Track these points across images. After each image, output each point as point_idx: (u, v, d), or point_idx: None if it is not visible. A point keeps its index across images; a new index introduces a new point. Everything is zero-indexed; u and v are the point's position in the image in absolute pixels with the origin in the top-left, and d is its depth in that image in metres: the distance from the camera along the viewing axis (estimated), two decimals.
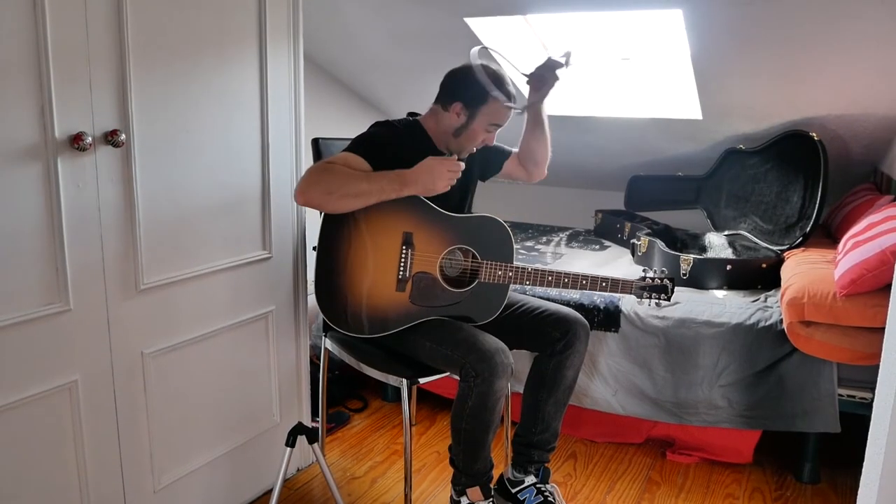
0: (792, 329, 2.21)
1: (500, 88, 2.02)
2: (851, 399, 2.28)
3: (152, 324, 1.79)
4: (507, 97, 2.05)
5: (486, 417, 1.91)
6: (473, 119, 2.05)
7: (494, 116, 2.06)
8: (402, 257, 2.00)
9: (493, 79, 2.02)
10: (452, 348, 1.93)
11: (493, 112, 2.05)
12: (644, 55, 3.13)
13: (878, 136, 2.90)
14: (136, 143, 1.67)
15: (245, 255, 2.06)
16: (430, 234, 2.02)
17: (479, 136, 2.08)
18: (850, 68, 2.49)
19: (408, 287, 2.01)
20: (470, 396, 1.89)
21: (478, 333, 1.95)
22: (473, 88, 2.02)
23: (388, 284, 2.01)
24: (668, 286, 2.12)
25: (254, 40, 1.99)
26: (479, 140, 2.10)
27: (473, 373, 1.86)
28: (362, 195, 1.90)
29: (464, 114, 2.05)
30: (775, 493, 2.34)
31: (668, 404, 2.47)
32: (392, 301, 2.01)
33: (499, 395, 1.90)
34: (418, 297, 2.02)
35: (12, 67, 1.41)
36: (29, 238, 1.48)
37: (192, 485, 1.99)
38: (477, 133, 2.08)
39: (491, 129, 2.09)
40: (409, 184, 1.93)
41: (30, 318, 1.50)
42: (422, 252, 2.02)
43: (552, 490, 2.16)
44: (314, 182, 1.90)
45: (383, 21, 2.96)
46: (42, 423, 1.57)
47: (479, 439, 1.96)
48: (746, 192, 3.21)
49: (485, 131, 2.08)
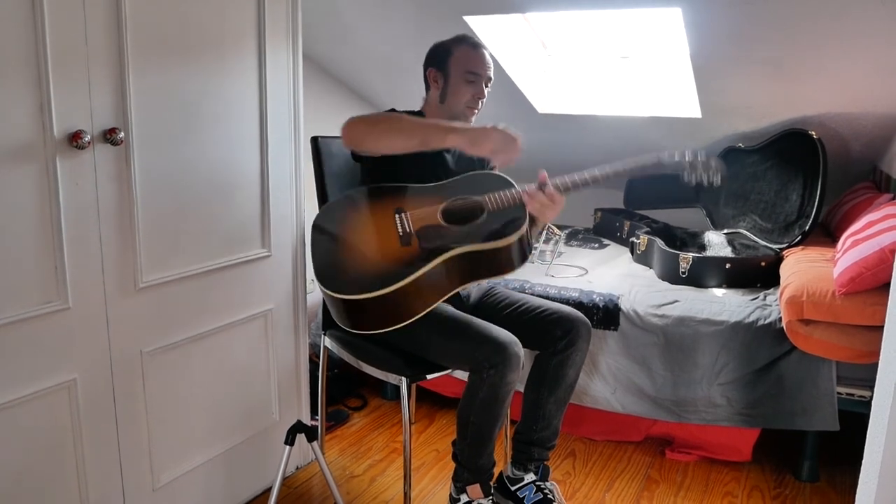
0: (791, 327, 2.21)
1: (462, 38, 2.11)
2: (850, 397, 2.28)
3: (151, 322, 1.79)
4: (475, 44, 2.10)
5: (495, 410, 1.91)
6: (449, 75, 2.10)
7: (466, 62, 2.08)
8: (399, 221, 1.96)
9: (456, 35, 2.11)
10: (463, 341, 1.91)
11: (462, 59, 2.09)
12: (643, 54, 3.13)
13: (877, 134, 2.90)
14: (134, 142, 1.67)
15: (244, 254, 2.06)
16: (422, 201, 2.01)
17: (463, 90, 2.09)
18: (850, 66, 2.49)
19: (413, 241, 1.92)
20: (481, 388, 1.88)
21: (489, 326, 1.94)
22: (437, 49, 2.13)
23: (392, 241, 1.92)
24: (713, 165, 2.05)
25: (253, 38, 1.99)
26: (466, 95, 2.10)
27: (487, 364, 1.85)
28: (406, 132, 1.89)
29: (440, 76, 2.11)
30: (774, 492, 2.34)
31: (668, 402, 2.47)
32: (401, 253, 1.90)
33: (510, 387, 1.89)
34: (427, 242, 1.92)
35: (11, 65, 1.41)
36: (27, 236, 1.48)
37: (191, 483, 1.99)
38: (458, 87, 2.09)
39: (471, 79, 2.09)
40: (458, 132, 1.86)
41: (28, 316, 1.50)
42: (417, 213, 1.98)
43: (552, 488, 2.16)
44: (359, 119, 1.93)
45: (382, 19, 2.96)
46: (41, 421, 1.57)
47: (486, 434, 1.95)
48: (745, 191, 3.21)
49: (466, 82, 2.09)
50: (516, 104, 3.34)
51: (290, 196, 2.20)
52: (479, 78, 2.11)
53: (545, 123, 3.49)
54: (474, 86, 2.11)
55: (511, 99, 3.30)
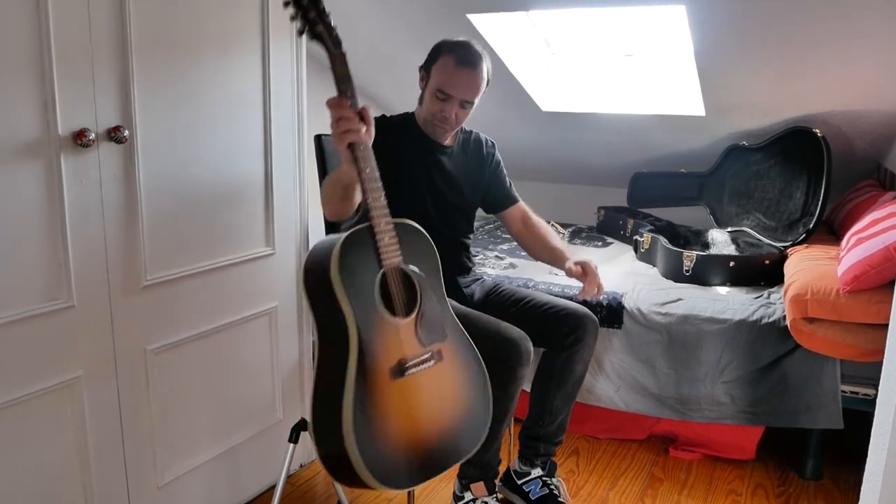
0: (795, 325, 2.21)
1: (456, 48, 1.95)
2: (854, 395, 2.28)
3: (155, 320, 1.79)
4: (462, 60, 1.92)
5: (504, 405, 1.91)
6: (428, 81, 2.00)
7: (442, 77, 1.95)
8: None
9: (456, 42, 1.97)
10: (473, 337, 1.90)
11: (441, 71, 1.95)
12: (647, 52, 3.13)
13: (881, 132, 2.90)
14: (139, 140, 1.67)
15: (248, 252, 2.06)
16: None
17: (431, 101, 1.98)
18: (854, 64, 2.48)
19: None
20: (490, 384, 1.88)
21: (498, 322, 1.94)
22: (433, 49, 2.00)
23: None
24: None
25: (256, 36, 1.99)
26: (433, 107, 1.98)
27: (497, 359, 1.85)
28: (338, 188, 1.67)
29: (424, 77, 2.02)
30: (778, 490, 2.34)
31: (671, 401, 2.47)
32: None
33: (520, 382, 1.89)
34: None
35: (15, 63, 1.41)
36: (32, 234, 1.49)
37: (195, 481, 1.99)
38: (429, 97, 1.98)
39: (440, 96, 1.96)
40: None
41: (33, 314, 1.50)
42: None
43: (557, 484, 2.17)
44: (322, 201, 1.79)
45: (385, 17, 2.96)
46: (46, 419, 1.57)
47: (494, 430, 1.95)
48: (749, 189, 3.20)
49: (436, 98, 1.97)
50: (520, 102, 3.34)
51: (294, 194, 2.20)
52: (449, 98, 1.98)
53: (549, 121, 3.49)
54: (443, 103, 1.99)
55: (515, 97, 3.30)
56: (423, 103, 2.05)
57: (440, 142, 2.11)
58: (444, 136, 2.10)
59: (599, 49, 3.20)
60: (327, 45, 1.52)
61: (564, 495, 2.18)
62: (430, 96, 2.00)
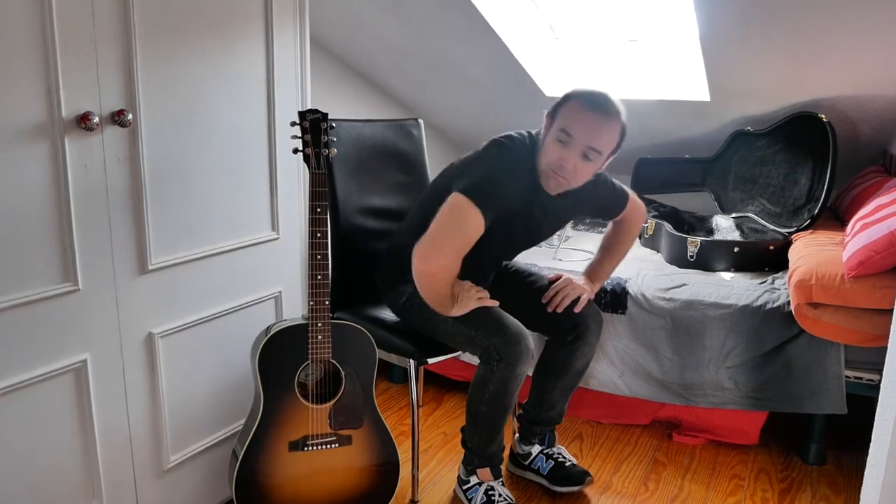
0: (799, 311, 2.21)
1: (589, 94, 1.83)
2: (858, 381, 2.28)
3: (161, 304, 1.80)
4: (592, 105, 1.80)
5: (505, 401, 1.91)
6: (551, 125, 1.85)
7: (567, 118, 1.81)
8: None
9: (591, 90, 1.84)
10: (476, 329, 1.90)
11: (566, 113, 1.82)
12: (652, 36, 3.11)
13: (887, 117, 2.88)
14: (143, 123, 1.66)
15: (253, 236, 2.06)
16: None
17: (551, 147, 1.83)
18: (860, 49, 2.47)
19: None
20: (491, 380, 1.88)
21: (503, 315, 1.93)
22: (562, 97, 1.86)
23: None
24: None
25: (260, 20, 1.98)
26: (552, 155, 1.83)
27: (497, 356, 1.85)
28: (428, 297, 1.91)
29: (548, 122, 1.88)
30: (781, 475, 2.35)
31: (675, 386, 2.48)
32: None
33: (520, 379, 1.90)
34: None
35: (19, 48, 1.41)
36: (37, 218, 1.49)
37: (200, 465, 2.00)
38: (549, 142, 1.84)
39: (562, 137, 1.81)
40: (453, 310, 1.91)
41: (39, 297, 1.50)
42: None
43: (559, 451, 2.19)
44: (418, 277, 1.89)
45: (391, 3, 2.94)
46: (51, 402, 1.58)
47: (497, 423, 1.96)
48: (754, 175, 3.19)
49: (556, 140, 1.82)
50: (524, 87, 3.33)
51: (298, 179, 2.20)
52: (572, 141, 1.80)
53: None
54: (564, 147, 1.81)
55: (519, 82, 3.28)
56: (543, 151, 1.88)
57: (551, 193, 1.93)
58: (558, 189, 1.90)
59: (604, 34, 3.19)
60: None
61: (569, 458, 2.20)
62: (552, 141, 1.84)
